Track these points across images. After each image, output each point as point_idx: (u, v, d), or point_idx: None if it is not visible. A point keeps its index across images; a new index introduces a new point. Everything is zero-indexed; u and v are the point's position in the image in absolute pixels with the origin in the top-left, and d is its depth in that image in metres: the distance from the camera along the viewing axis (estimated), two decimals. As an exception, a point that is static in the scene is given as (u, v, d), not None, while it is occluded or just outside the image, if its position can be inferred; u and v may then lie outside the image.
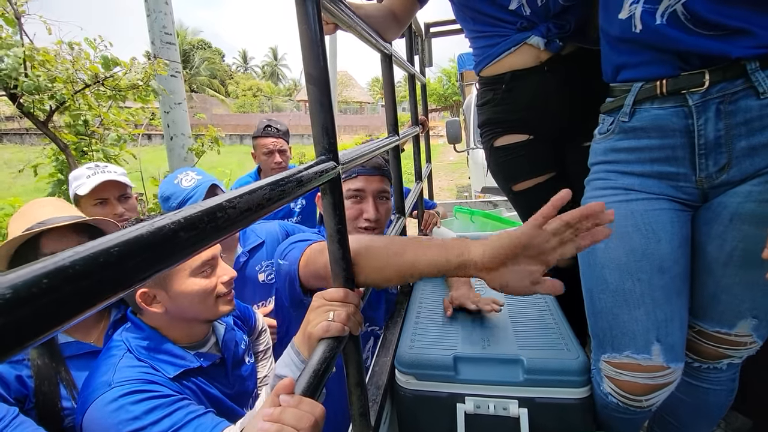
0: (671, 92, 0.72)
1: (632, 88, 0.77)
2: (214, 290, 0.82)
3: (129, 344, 0.77)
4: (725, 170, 0.72)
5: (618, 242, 0.79)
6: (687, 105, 0.71)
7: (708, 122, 0.71)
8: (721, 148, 0.71)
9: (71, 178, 1.28)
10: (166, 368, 0.77)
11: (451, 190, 8.28)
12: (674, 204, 0.78)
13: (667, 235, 0.76)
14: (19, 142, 14.56)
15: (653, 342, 0.76)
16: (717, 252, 0.76)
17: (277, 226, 1.46)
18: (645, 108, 0.76)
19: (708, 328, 0.81)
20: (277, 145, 1.88)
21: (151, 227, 0.25)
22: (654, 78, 0.74)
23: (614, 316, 0.80)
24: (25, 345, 0.17)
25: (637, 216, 0.78)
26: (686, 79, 0.71)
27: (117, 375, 0.71)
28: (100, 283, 0.20)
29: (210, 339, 0.90)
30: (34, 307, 0.17)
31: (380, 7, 1.04)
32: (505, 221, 2.05)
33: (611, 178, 0.82)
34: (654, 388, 0.78)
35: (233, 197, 0.33)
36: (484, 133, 1.21)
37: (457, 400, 0.87)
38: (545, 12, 0.99)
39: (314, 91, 0.56)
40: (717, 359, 0.84)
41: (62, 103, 2.67)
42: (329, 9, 0.62)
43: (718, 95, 0.69)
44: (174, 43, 3.54)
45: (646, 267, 0.76)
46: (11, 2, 2.53)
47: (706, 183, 0.74)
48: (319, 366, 0.53)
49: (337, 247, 0.61)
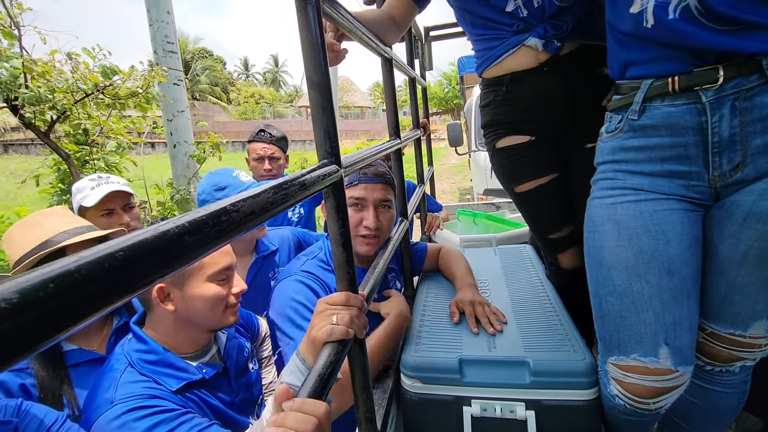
0: (684, 89, 0.70)
1: (642, 85, 0.75)
2: (226, 298, 0.83)
3: (130, 358, 0.77)
4: (739, 168, 0.70)
5: (626, 243, 0.78)
6: (700, 102, 0.70)
7: (723, 119, 0.69)
8: (735, 145, 0.69)
9: (74, 189, 1.30)
10: (168, 381, 0.76)
11: (453, 193, 8.28)
12: (685, 204, 0.77)
13: (677, 236, 0.75)
14: (24, 152, 14.70)
15: (661, 345, 0.74)
16: (731, 252, 0.75)
17: (288, 231, 1.47)
18: (655, 105, 0.75)
19: (721, 330, 0.80)
20: (268, 152, 1.80)
21: (156, 231, 0.25)
22: (665, 74, 0.72)
23: (622, 319, 0.79)
24: (32, 349, 0.17)
25: (647, 217, 0.76)
26: (699, 75, 0.69)
27: (119, 392, 0.70)
28: (106, 288, 0.20)
29: (212, 348, 0.90)
30: (41, 311, 0.17)
31: (379, 12, 1.05)
32: (508, 223, 2.04)
33: (620, 177, 0.81)
34: (662, 391, 0.77)
35: (237, 201, 0.33)
36: (486, 134, 1.21)
37: (463, 403, 0.87)
38: (541, 13, 0.99)
39: (316, 96, 0.56)
40: (730, 362, 0.83)
41: (63, 114, 2.69)
42: (330, 14, 0.62)
43: (732, 91, 0.67)
44: (176, 51, 3.58)
45: (655, 269, 0.75)
46: (11, 16, 2.57)
47: (719, 181, 0.73)
48: (324, 370, 0.53)
49: (341, 251, 0.61)
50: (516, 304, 1.13)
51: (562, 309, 1.08)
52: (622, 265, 0.78)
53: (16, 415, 0.65)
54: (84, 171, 2.82)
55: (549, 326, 1.00)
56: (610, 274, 0.80)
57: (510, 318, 1.05)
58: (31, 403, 0.69)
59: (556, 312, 1.06)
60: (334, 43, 0.78)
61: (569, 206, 1.15)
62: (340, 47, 0.80)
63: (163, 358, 0.79)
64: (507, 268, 1.40)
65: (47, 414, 0.68)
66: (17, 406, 0.67)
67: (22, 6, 2.66)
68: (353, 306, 0.62)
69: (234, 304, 0.85)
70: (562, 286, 1.21)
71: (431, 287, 1.29)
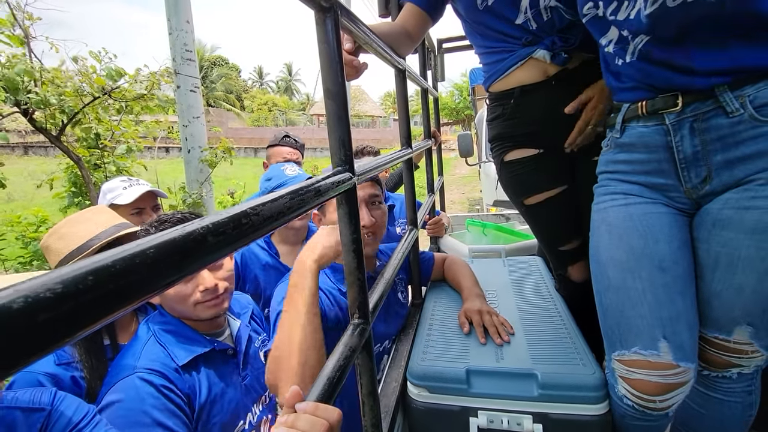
0: (651, 112, 0.80)
1: (622, 108, 0.85)
2: (190, 296, 0.86)
3: (153, 329, 0.87)
4: (707, 182, 0.77)
5: (618, 242, 0.84)
6: (665, 123, 0.79)
7: (684, 139, 0.77)
8: (699, 161, 0.77)
9: (105, 189, 1.39)
10: (179, 354, 0.84)
11: (463, 204, 8.26)
12: (671, 209, 0.83)
13: (665, 236, 0.80)
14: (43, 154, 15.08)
15: (659, 339, 0.77)
16: (705, 257, 0.80)
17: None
18: (632, 126, 0.84)
19: (707, 333, 0.82)
20: (294, 156, 1.87)
21: (183, 231, 0.26)
22: (636, 100, 0.82)
23: (620, 313, 0.82)
24: (73, 336, 0.18)
25: (636, 219, 0.83)
26: (662, 101, 0.78)
27: (141, 360, 0.80)
28: (138, 282, 0.22)
29: (225, 331, 0.98)
30: (80, 301, 0.18)
31: (394, 25, 1.07)
32: (518, 234, 2.04)
33: (612, 185, 0.89)
34: (666, 387, 0.78)
35: (257, 205, 0.35)
36: (494, 147, 1.22)
37: (470, 413, 0.86)
38: (551, 26, 1.00)
39: (332, 106, 0.58)
40: (725, 367, 0.84)
41: (73, 117, 2.77)
42: (347, 27, 0.64)
43: (691, 114, 0.75)
44: (194, 59, 3.66)
45: (646, 264, 0.80)
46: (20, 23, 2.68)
47: (693, 193, 0.79)
48: (333, 374, 0.53)
49: (352, 257, 0.62)
50: (524, 316, 1.12)
51: (571, 322, 1.07)
52: (616, 262, 0.83)
53: (50, 404, 0.68)
54: (95, 174, 2.90)
55: (558, 339, 0.99)
56: (606, 270, 0.85)
57: (518, 330, 1.05)
58: (65, 394, 0.72)
59: (566, 325, 1.05)
60: (353, 59, 0.80)
61: (578, 219, 1.15)
62: (359, 62, 0.82)
63: (179, 329, 0.88)
64: (516, 280, 1.39)
65: (79, 406, 0.71)
66: (52, 394, 0.70)
67: (32, 16, 2.78)
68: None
69: (203, 300, 0.87)
70: (572, 298, 1.20)
71: (439, 297, 1.29)
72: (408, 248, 1.06)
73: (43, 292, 0.17)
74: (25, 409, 0.66)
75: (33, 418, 0.66)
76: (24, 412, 0.65)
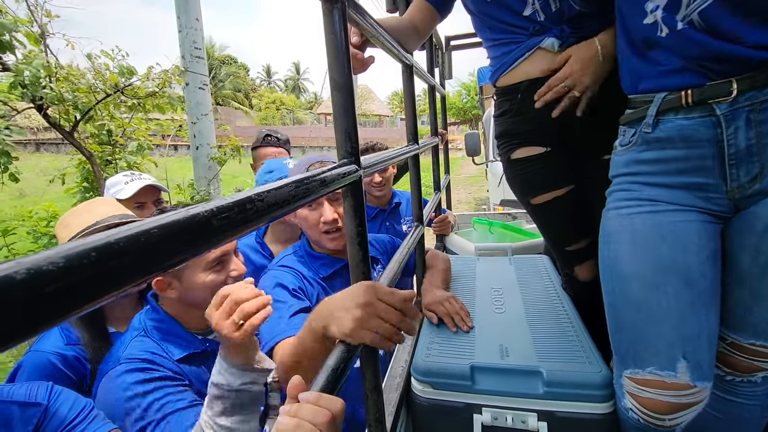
0: (697, 102, 0.71)
1: (655, 99, 0.76)
2: (223, 284, 0.86)
3: (145, 325, 0.86)
4: (758, 180, 0.70)
5: (643, 254, 0.77)
6: (715, 114, 0.70)
7: (738, 131, 0.69)
8: (752, 157, 0.70)
9: (108, 184, 1.41)
10: (173, 350, 0.84)
11: (470, 203, 8.23)
12: (703, 216, 0.76)
13: (695, 246, 0.74)
14: (55, 150, 15.29)
15: (679, 359, 0.73)
16: (750, 263, 0.74)
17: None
18: (669, 118, 0.75)
19: (742, 340, 0.79)
20: (280, 155, 1.80)
21: (187, 213, 0.26)
22: (678, 88, 0.73)
23: (638, 331, 0.77)
24: (75, 310, 0.18)
25: (664, 227, 0.76)
26: (713, 89, 0.70)
27: (126, 352, 0.80)
28: (140, 260, 0.22)
29: None
30: (83, 275, 0.18)
31: (401, 20, 1.06)
32: (525, 233, 2.02)
33: (635, 189, 0.81)
34: (678, 407, 0.75)
35: (261, 191, 0.35)
36: (501, 144, 1.21)
37: (474, 410, 0.86)
38: (559, 17, 0.99)
39: (339, 98, 0.58)
40: (751, 372, 0.81)
41: (86, 113, 2.81)
42: (354, 19, 0.64)
43: (747, 104, 0.68)
44: (203, 57, 3.69)
45: (673, 280, 0.74)
46: (37, 21, 2.72)
47: (737, 193, 0.73)
48: (336, 365, 0.53)
49: (357, 249, 0.62)
50: (531, 314, 1.11)
51: (578, 320, 1.06)
52: (639, 276, 0.77)
53: (46, 399, 0.68)
54: (106, 170, 2.93)
55: (564, 337, 0.98)
56: (626, 285, 0.79)
57: (524, 327, 1.04)
58: (61, 389, 0.72)
59: (572, 323, 1.04)
60: (358, 52, 0.79)
61: (586, 218, 1.13)
62: (364, 56, 0.82)
63: (172, 328, 0.87)
64: (522, 278, 1.38)
65: (75, 401, 0.71)
66: (48, 389, 0.70)
67: (51, 14, 2.83)
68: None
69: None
70: (579, 297, 1.19)
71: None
72: (413, 244, 1.05)
73: (46, 265, 0.17)
74: (22, 404, 0.66)
75: (29, 413, 0.65)
76: (20, 407, 0.65)
